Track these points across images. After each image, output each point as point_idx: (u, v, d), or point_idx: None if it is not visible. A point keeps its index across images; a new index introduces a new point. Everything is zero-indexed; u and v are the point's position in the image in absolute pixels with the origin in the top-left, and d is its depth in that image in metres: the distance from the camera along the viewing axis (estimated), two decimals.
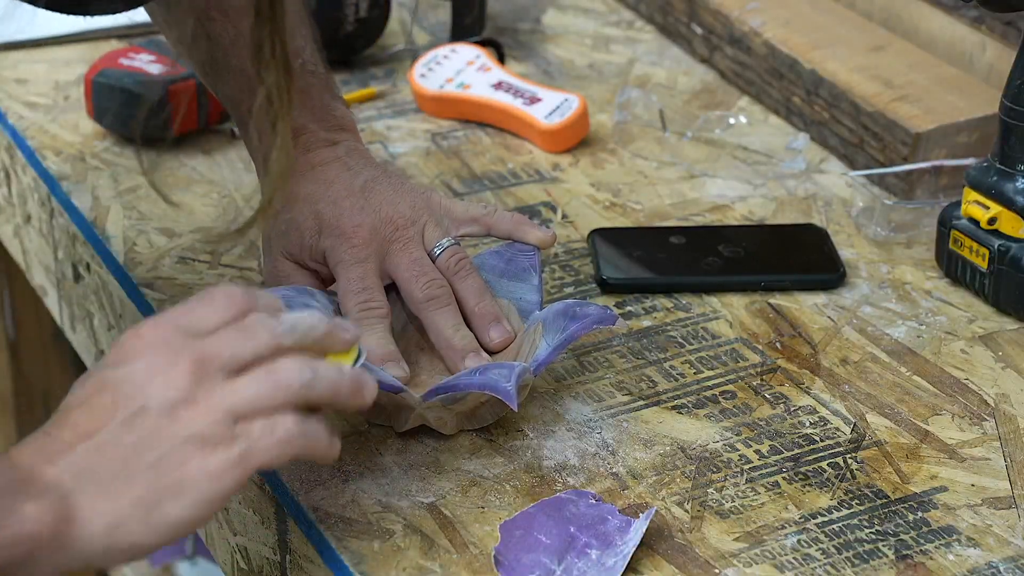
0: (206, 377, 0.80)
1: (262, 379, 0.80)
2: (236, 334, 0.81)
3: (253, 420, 0.80)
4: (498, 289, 1.05)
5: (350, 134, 1.08)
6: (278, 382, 0.80)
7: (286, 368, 0.81)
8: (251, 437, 0.79)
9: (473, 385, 0.93)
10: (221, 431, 0.79)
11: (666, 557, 0.90)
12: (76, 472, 0.78)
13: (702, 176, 1.28)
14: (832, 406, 1.03)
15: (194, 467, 0.78)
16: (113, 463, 0.78)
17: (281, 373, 0.81)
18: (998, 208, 1.10)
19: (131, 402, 0.79)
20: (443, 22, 1.49)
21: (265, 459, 0.80)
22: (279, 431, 0.80)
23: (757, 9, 1.40)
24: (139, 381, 0.79)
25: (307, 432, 0.81)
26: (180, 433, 0.79)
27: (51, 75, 1.38)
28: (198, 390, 0.79)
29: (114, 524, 0.77)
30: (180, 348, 0.80)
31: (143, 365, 0.80)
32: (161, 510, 0.78)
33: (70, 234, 1.21)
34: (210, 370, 0.80)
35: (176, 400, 0.79)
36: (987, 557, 0.91)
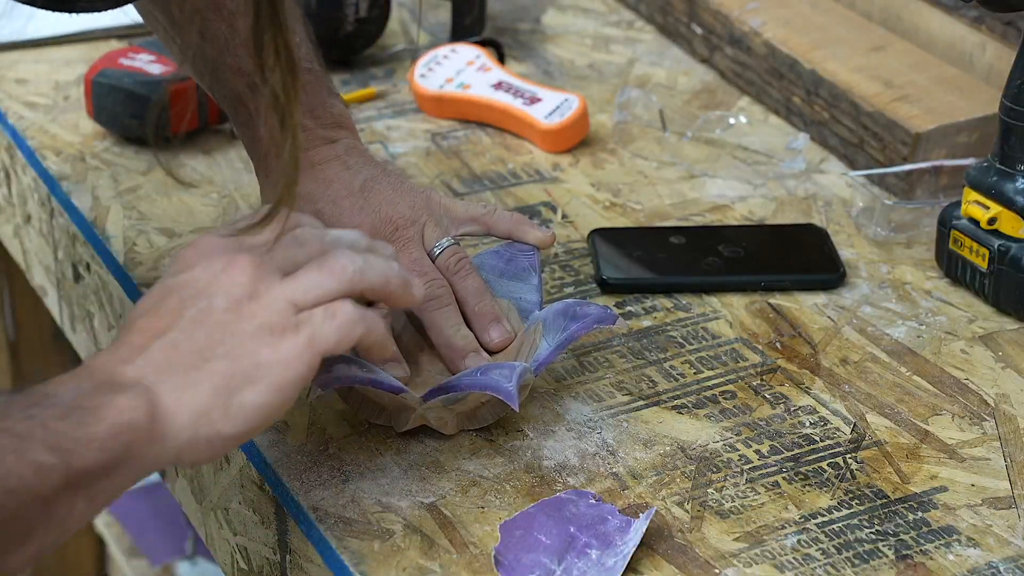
0: (264, 274, 0.84)
1: (316, 269, 0.85)
2: (288, 240, 0.86)
3: (314, 308, 0.84)
4: (498, 289, 1.05)
5: (348, 132, 1.08)
6: (332, 269, 0.85)
7: (338, 257, 0.85)
8: (314, 323, 0.83)
9: (474, 385, 0.93)
10: (285, 319, 0.83)
11: (666, 557, 0.90)
12: (155, 367, 0.81)
13: (702, 176, 1.28)
14: (832, 406, 1.03)
15: (265, 354, 0.82)
16: (189, 356, 0.82)
17: (334, 262, 0.85)
18: (998, 208, 1.10)
19: (197, 301, 0.83)
20: (443, 22, 1.49)
21: (330, 343, 0.84)
22: (339, 316, 0.84)
23: (757, 9, 1.40)
24: (202, 282, 0.83)
25: (365, 317, 0.85)
26: (247, 325, 0.82)
27: (51, 75, 1.38)
28: (258, 285, 0.83)
29: (197, 413, 0.81)
30: (236, 251, 0.84)
31: (203, 269, 0.84)
32: (240, 397, 0.82)
33: (70, 234, 1.21)
34: (267, 269, 0.84)
35: (239, 295, 0.83)
36: (987, 557, 0.91)
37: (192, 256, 0.85)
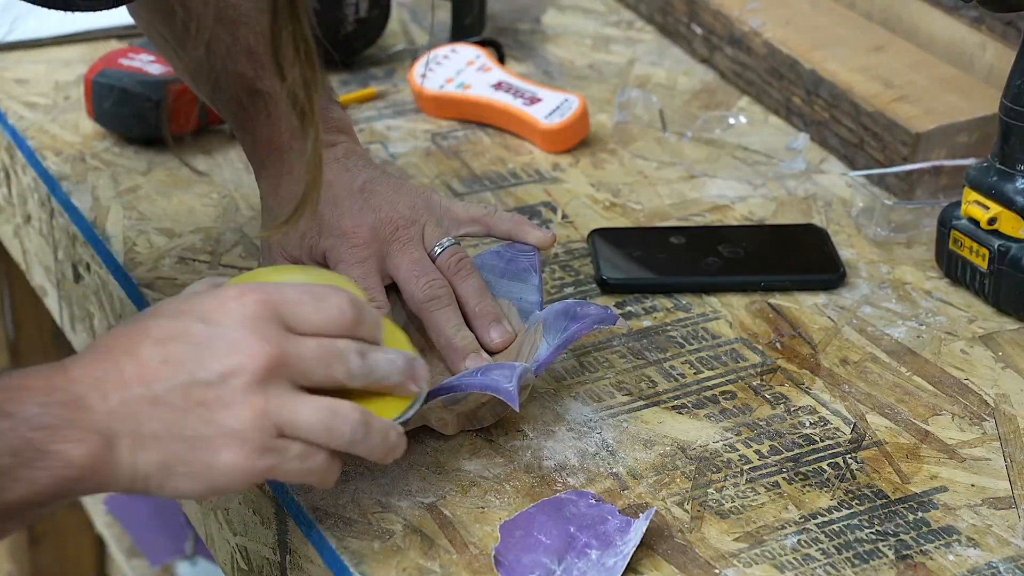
0: (276, 380, 0.82)
1: (321, 416, 0.83)
2: (322, 353, 0.83)
3: (293, 444, 0.82)
4: (498, 289, 1.05)
5: (347, 136, 1.08)
6: (332, 429, 0.83)
7: (346, 420, 0.83)
8: (284, 456, 0.82)
9: (474, 386, 0.93)
10: (262, 438, 0.81)
11: (666, 557, 0.90)
12: (126, 415, 0.80)
13: (702, 176, 1.28)
14: (832, 406, 1.03)
15: (224, 459, 0.81)
16: (158, 421, 0.81)
17: (341, 422, 0.83)
18: (998, 208, 1.10)
19: (198, 369, 0.81)
20: (443, 22, 1.49)
21: (284, 478, 0.83)
22: (309, 463, 0.83)
23: (757, 9, 1.40)
24: (217, 351, 0.81)
25: (328, 470, 0.84)
26: (226, 423, 0.81)
27: (51, 75, 1.38)
28: (263, 389, 0.81)
29: (138, 476, 0.81)
30: (268, 337, 0.82)
31: (228, 337, 0.82)
32: (174, 481, 0.81)
33: (70, 234, 1.21)
34: (283, 374, 0.82)
35: (238, 389, 0.81)
36: (987, 557, 0.91)
37: (235, 312, 0.82)
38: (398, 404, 0.88)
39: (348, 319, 0.85)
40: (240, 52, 1.06)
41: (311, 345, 0.83)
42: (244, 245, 1.17)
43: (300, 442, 0.82)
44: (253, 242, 1.17)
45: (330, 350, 0.84)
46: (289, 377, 0.82)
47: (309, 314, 0.84)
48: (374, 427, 0.84)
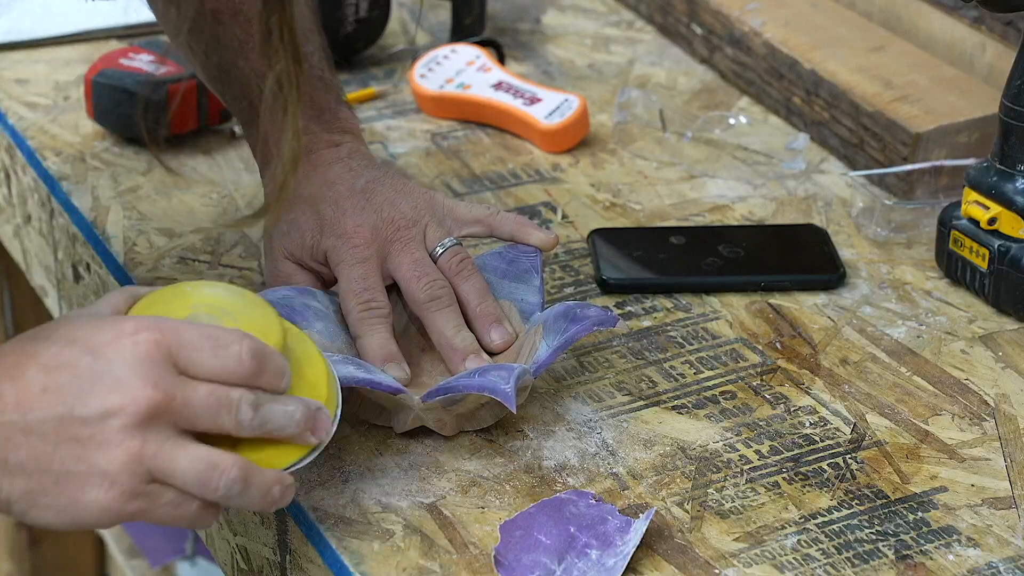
0: (158, 424, 0.80)
1: (198, 468, 0.81)
2: (210, 402, 0.82)
3: (166, 491, 0.81)
4: (499, 290, 1.05)
5: (353, 136, 1.08)
6: (207, 483, 0.81)
7: (223, 475, 0.81)
8: (154, 502, 0.81)
9: (472, 387, 0.93)
10: (132, 483, 0.80)
11: (666, 557, 0.90)
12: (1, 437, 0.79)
13: (702, 176, 1.28)
14: (832, 406, 1.03)
15: (91, 497, 0.80)
16: (27, 451, 0.79)
17: (216, 476, 0.81)
18: (998, 208, 1.10)
19: (78, 404, 0.80)
20: (443, 22, 1.49)
21: (151, 520, 0.82)
22: (181, 510, 0.82)
23: (757, 9, 1.40)
24: (100, 388, 0.80)
25: (200, 517, 0.83)
26: (98, 464, 0.80)
27: (51, 75, 1.38)
28: (144, 431, 0.80)
29: (2, 500, 0.80)
30: (155, 381, 0.80)
31: (114, 375, 0.80)
32: (36, 511, 0.80)
33: (70, 234, 1.21)
34: (166, 418, 0.80)
35: (116, 430, 0.80)
36: (987, 557, 0.91)
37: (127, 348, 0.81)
38: (294, 452, 0.86)
39: (246, 369, 0.82)
40: (251, 49, 1.06)
41: (201, 392, 0.81)
42: (244, 245, 1.17)
43: (174, 489, 0.81)
44: (253, 242, 1.17)
45: (220, 399, 0.82)
46: (173, 422, 0.81)
47: (205, 360, 0.82)
48: (253, 483, 0.82)
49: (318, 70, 1.08)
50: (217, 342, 0.82)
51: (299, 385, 0.87)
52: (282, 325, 0.88)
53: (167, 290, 0.89)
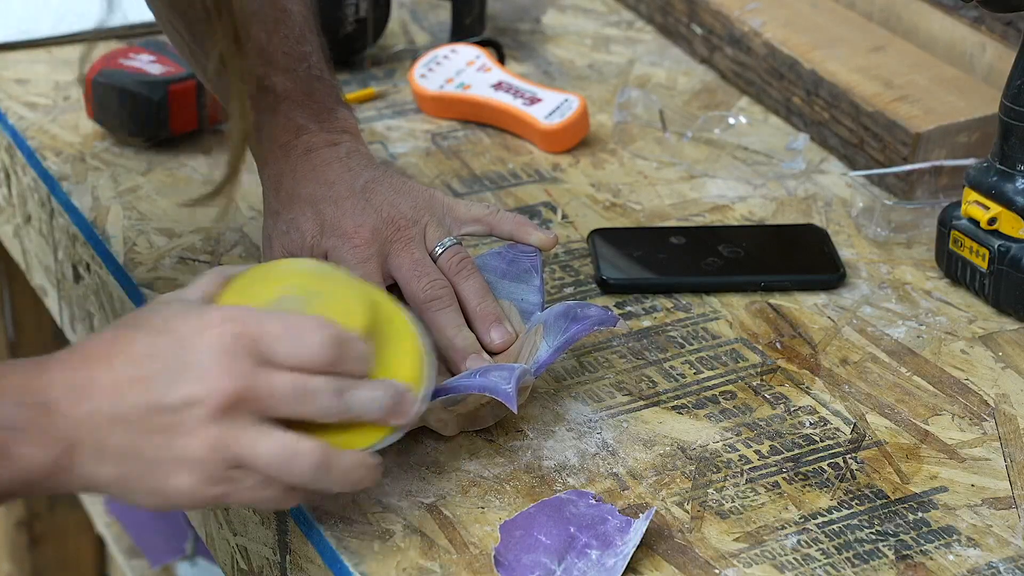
0: (240, 413, 0.83)
1: (280, 454, 0.83)
2: (293, 391, 0.84)
3: (249, 475, 0.83)
4: (499, 290, 1.05)
5: (352, 136, 1.08)
6: (289, 468, 0.83)
7: (305, 461, 0.84)
8: (236, 488, 0.83)
9: (473, 387, 0.93)
10: (215, 469, 0.83)
11: (666, 557, 0.90)
12: (90, 429, 0.82)
13: (702, 176, 1.28)
14: (832, 406, 1.03)
15: (176, 482, 0.83)
16: (120, 439, 0.82)
17: (298, 462, 0.83)
18: (998, 208, 1.10)
19: (165, 393, 0.82)
20: (443, 22, 1.49)
21: (237, 504, 0.85)
22: (259, 497, 0.84)
23: (757, 9, 1.40)
24: (186, 378, 0.82)
25: (283, 500, 0.85)
26: (183, 451, 0.82)
27: (51, 75, 1.38)
28: (225, 421, 0.82)
29: (94, 485, 0.83)
30: (237, 372, 0.82)
31: (198, 366, 0.82)
32: (130, 494, 0.84)
33: (70, 234, 1.21)
34: (248, 407, 0.83)
35: (200, 419, 0.82)
36: (987, 557, 0.91)
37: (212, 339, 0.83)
38: (377, 432, 0.87)
39: (327, 356, 0.84)
40: (251, 48, 1.06)
41: (284, 380, 0.83)
42: (244, 245, 1.17)
43: (256, 474, 0.83)
44: (253, 243, 1.17)
45: (303, 388, 0.84)
46: (255, 411, 0.83)
47: (286, 349, 0.84)
48: (335, 467, 0.84)
49: (317, 70, 1.09)
50: (297, 331, 0.84)
51: (387, 364, 0.88)
52: (371, 305, 0.89)
53: (258, 270, 0.92)
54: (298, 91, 1.07)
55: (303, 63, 1.08)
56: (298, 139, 1.06)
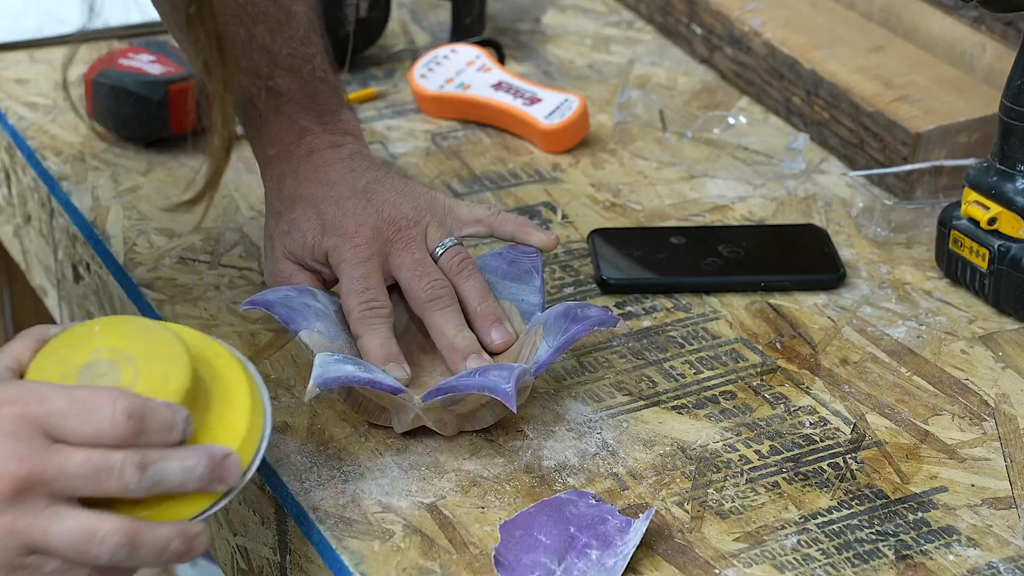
0: (29, 496, 0.78)
1: (74, 539, 0.78)
2: (88, 468, 0.78)
3: (47, 561, 0.79)
4: (500, 290, 1.05)
5: (354, 138, 1.08)
6: (88, 551, 0.79)
7: (105, 543, 0.79)
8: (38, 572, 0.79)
9: (472, 386, 0.93)
10: (9, 557, 0.78)
11: (666, 557, 0.90)
12: None
13: (702, 176, 1.28)
14: (832, 406, 1.03)
15: None
16: None
17: (98, 545, 0.79)
18: (998, 208, 1.10)
19: None
20: (443, 22, 1.49)
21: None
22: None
23: (757, 9, 1.40)
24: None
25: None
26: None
27: (51, 75, 1.38)
28: (17, 505, 0.78)
29: None
30: (22, 455, 0.78)
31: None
32: None
33: (70, 234, 1.21)
34: (38, 491, 0.78)
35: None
36: (987, 557, 0.91)
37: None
38: (201, 500, 0.82)
39: (122, 430, 0.79)
40: (255, 49, 1.06)
41: (77, 459, 0.78)
42: (244, 245, 1.17)
43: (54, 559, 0.79)
44: (253, 243, 1.17)
45: (99, 465, 0.78)
46: (49, 493, 0.78)
47: (76, 426, 0.78)
48: (145, 543, 0.79)
49: (321, 71, 1.09)
50: (87, 406, 0.79)
51: (214, 425, 0.84)
52: (193, 365, 0.84)
53: (74, 330, 0.86)
54: (302, 92, 1.07)
55: (307, 64, 1.08)
56: (301, 140, 1.06)
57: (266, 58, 1.07)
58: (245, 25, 1.07)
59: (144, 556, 0.80)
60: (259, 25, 1.07)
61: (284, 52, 1.07)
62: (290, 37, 1.08)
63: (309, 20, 1.09)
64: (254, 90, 1.07)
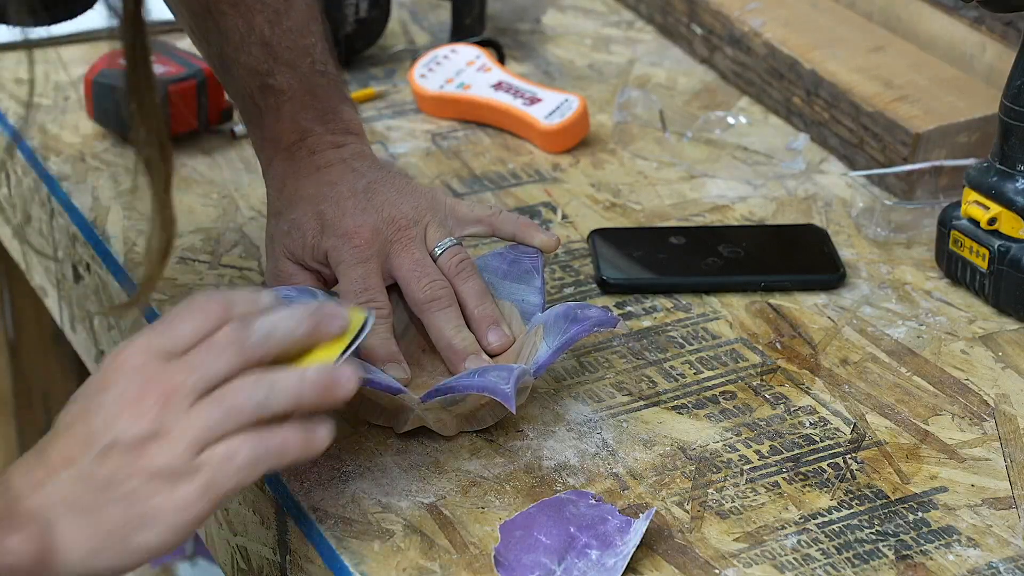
0: (172, 406, 0.82)
1: (217, 406, 0.82)
2: (203, 355, 0.83)
3: (215, 447, 0.82)
4: (500, 291, 1.05)
5: (356, 137, 1.08)
6: (230, 408, 0.82)
7: (240, 390, 0.82)
8: (212, 466, 0.81)
9: (472, 387, 0.93)
10: (184, 463, 0.81)
11: (666, 557, 0.90)
12: (60, 499, 0.81)
13: (702, 176, 1.28)
14: (832, 406, 1.03)
15: (160, 500, 0.81)
16: (89, 494, 0.81)
17: (235, 396, 0.82)
18: (998, 208, 1.10)
19: (103, 435, 0.81)
20: (443, 22, 1.49)
21: (230, 485, 0.82)
22: (240, 458, 0.82)
23: (757, 9, 1.40)
24: (111, 413, 0.82)
25: (271, 449, 0.82)
26: (147, 467, 0.81)
27: (51, 75, 1.38)
28: (164, 421, 0.81)
29: (91, 552, 0.81)
30: (151, 376, 0.82)
31: (116, 395, 0.82)
32: (133, 539, 0.81)
33: (70, 234, 1.21)
34: (176, 398, 0.82)
35: (142, 435, 0.81)
36: (987, 557, 0.91)
37: (114, 372, 0.83)
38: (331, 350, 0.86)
39: (215, 311, 0.84)
40: (254, 43, 1.06)
41: (191, 353, 0.83)
42: (244, 245, 1.17)
43: (221, 444, 0.82)
44: (253, 243, 1.17)
45: (209, 347, 0.83)
46: (187, 396, 0.82)
47: (175, 334, 0.83)
48: (278, 379, 0.83)
49: (320, 65, 1.07)
50: (177, 316, 0.84)
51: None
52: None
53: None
54: (301, 89, 1.06)
55: (306, 57, 1.07)
56: (303, 141, 1.05)
57: (265, 53, 1.06)
58: (244, 16, 1.06)
59: (284, 389, 0.83)
60: (258, 15, 1.06)
61: (283, 45, 1.06)
62: (289, 28, 1.07)
63: (307, 6, 1.08)
64: (254, 88, 1.06)
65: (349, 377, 0.84)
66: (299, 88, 1.06)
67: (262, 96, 1.06)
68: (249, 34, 1.06)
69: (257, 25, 1.06)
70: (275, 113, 1.06)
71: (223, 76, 1.10)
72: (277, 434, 0.83)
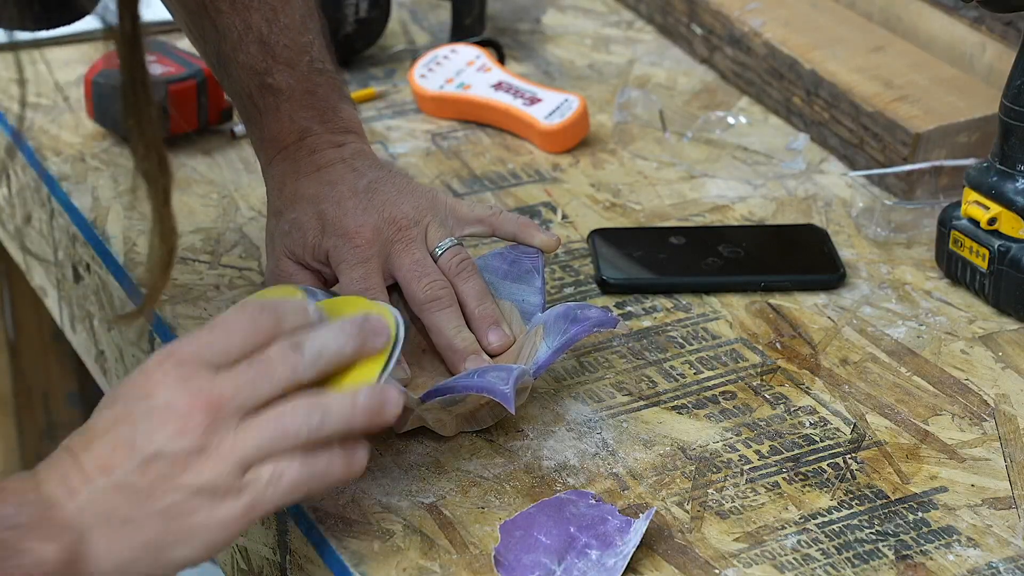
0: (220, 422, 0.81)
1: (269, 427, 0.82)
2: (254, 372, 0.83)
3: (261, 467, 0.82)
4: (500, 291, 1.05)
5: (356, 136, 1.08)
6: (285, 431, 0.82)
7: (294, 414, 0.82)
8: (258, 487, 0.81)
9: (471, 387, 0.93)
10: (229, 482, 0.81)
11: (666, 557, 0.90)
12: (96, 508, 0.80)
13: (702, 176, 1.28)
14: (832, 406, 1.03)
15: (202, 517, 0.81)
16: (127, 505, 0.80)
17: (288, 419, 0.82)
18: (998, 208, 1.10)
19: (147, 444, 0.81)
20: (443, 22, 1.49)
21: (271, 507, 0.82)
22: (285, 481, 0.82)
23: (757, 9, 1.40)
24: (157, 422, 0.81)
25: (315, 473, 0.83)
26: (190, 483, 0.81)
27: (51, 75, 1.38)
28: (211, 437, 0.81)
29: (124, 564, 0.80)
30: (199, 388, 0.81)
31: (162, 404, 0.81)
32: (168, 554, 0.81)
33: (70, 234, 1.21)
34: (224, 414, 0.81)
35: (188, 449, 0.81)
36: (987, 557, 0.91)
37: (160, 379, 0.82)
38: (372, 366, 0.86)
39: (263, 325, 0.84)
40: (251, 41, 1.06)
41: (242, 368, 0.82)
42: (244, 245, 1.17)
43: (268, 464, 0.82)
44: (253, 243, 1.17)
45: (260, 364, 0.83)
46: (234, 411, 0.82)
47: (226, 345, 0.83)
48: (332, 404, 0.83)
49: (319, 62, 1.07)
50: (226, 326, 0.84)
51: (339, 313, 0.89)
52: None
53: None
54: (300, 88, 1.06)
55: (304, 55, 1.07)
56: (302, 141, 1.05)
57: (263, 52, 1.06)
58: (240, 14, 1.06)
59: (337, 414, 0.83)
60: (255, 13, 1.06)
61: (281, 43, 1.06)
62: (286, 26, 1.06)
63: (304, 2, 1.07)
64: (252, 87, 1.06)
65: (396, 401, 0.85)
66: (298, 87, 1.06)
67: (261, 95, 1.06)
68: (246, 32, 1.06)
69: (254, 23, 1.05)
70: (274, 112, 1.06)
71: (221, 75, 1.09)
72: (322, 458, 0.83)
